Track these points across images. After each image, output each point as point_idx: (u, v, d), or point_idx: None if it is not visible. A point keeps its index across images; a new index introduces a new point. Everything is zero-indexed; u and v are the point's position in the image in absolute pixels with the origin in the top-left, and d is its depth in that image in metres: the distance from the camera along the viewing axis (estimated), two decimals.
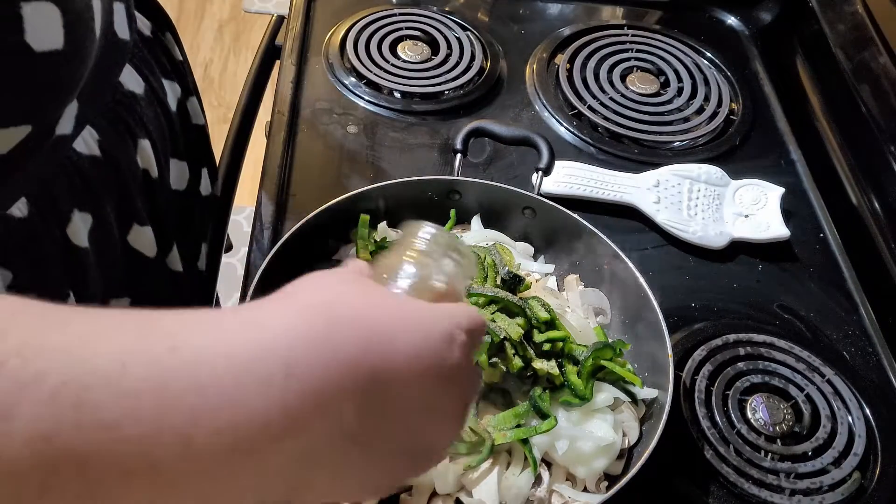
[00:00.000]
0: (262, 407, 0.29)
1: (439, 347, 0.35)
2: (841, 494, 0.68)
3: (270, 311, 0.33)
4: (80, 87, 0.54)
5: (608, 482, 0.64)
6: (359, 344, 0.32)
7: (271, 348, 0.30)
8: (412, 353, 0.34)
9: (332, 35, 1.05)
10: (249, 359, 0.30)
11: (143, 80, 0.67)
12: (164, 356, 0.29)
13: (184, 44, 0.81)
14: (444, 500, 0.61)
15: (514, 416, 0.62)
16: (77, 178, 0.58)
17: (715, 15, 1.19)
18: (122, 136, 0.63)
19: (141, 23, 0.71)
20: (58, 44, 0.48)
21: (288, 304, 0.33)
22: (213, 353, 0.30)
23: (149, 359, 0.28)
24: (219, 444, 0.28)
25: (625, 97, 1.02)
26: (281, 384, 0.30)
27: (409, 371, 0.34)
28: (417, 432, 0.36)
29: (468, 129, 0.80)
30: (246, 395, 0.29)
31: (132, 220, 0.66)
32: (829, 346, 0.81)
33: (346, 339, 0.32)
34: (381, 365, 0.33)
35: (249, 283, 0.67)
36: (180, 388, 0.28)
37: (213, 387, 0.29)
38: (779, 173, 0.97)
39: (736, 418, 0.72)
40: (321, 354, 0.31)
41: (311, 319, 0.32)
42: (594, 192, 0.89)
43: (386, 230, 0.75)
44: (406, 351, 0.34)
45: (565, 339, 0.66)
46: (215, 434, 0.28)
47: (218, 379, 0.29)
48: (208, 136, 0.87)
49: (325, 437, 0.32)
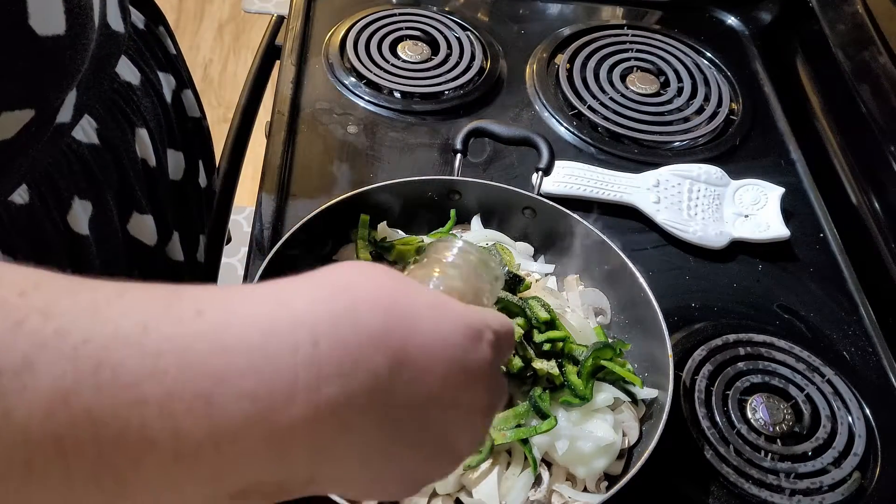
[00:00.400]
0: (290, 374, 0.28)
1: (466, 341, 0.34)
2: (841, 494, 0.68)
3: (295, 288, 0.32)
4: (80, 74, 0.54)
5: (608, 482, 0.64)
6: (381, 324, 0.31)
7: (299, 319, 0.30)
8: (437, 340, 0.33)
9: (332, 35, 1.05)
10: (276, 328, 0.29)
11: (138, 72, 0.68)
12: (190, 319, 0.28)
13: (184, 44, 0.82)
14: (444, 500, 0.61)
15: (514, 416, 0.62)
16: (77, 165, 0.59)
17: (715, 15, 1.19)
18: (120, 124, 0.64)
19: (134, 16, 0.71)
20: (60, 29, 0.49)
21: (314, 283, 0.32)
22: (240, 320, 0.29)
23: (174, 320, 0.27)
24: (241, 411, 0.27)
25: (625, 97, 1.02)
26: (309, 353, 0.29)
27: (431, 358, 0.32)
28: (439, 426, 0.34)
29: (468, 129, 0.80)
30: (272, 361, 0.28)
31: (132, 209, 0.67)
32: (829, 346, 0.81)
33: (369, 317, 0.31)
34: (403, 347, 0.31)
35: (249, 283, 0.67)
36: (204, 350, 0.27)
37: (238, 351, 0.28)
38: (779, 173, 0.97)
39: (736, 418, 0.72)
40: (343, 330, 0.30)
41: (335, 296, 0.31)
42: (594, 192, 0.89)
43: (386, 230, 0.75)
44: (430, 337, 0.33)
45: (565, 339, 0.66)
46: (238, 398, 0.27)
47: (244, 343, 0.28)
48: (204, 129, 0.88)
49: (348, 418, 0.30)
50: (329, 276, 0.33)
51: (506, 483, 0.61)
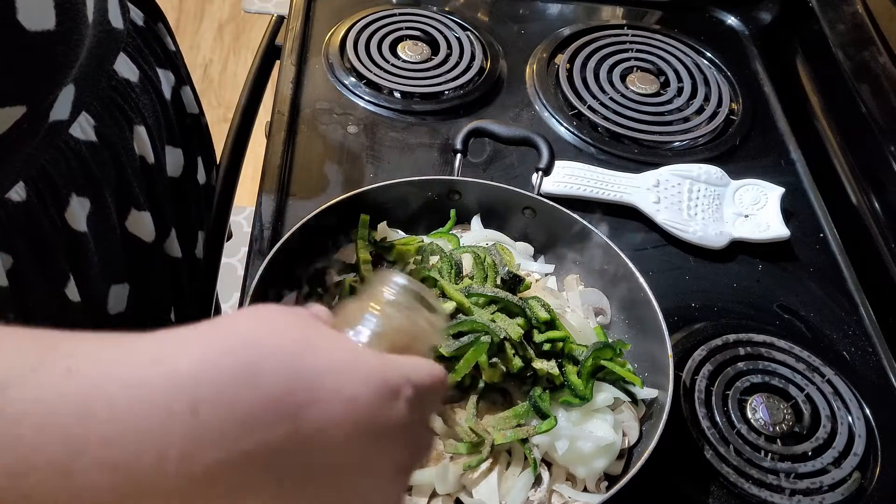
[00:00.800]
0: (160, 443, 0.27)
1: (376, 400, 0.32)
2: (841, 494, 0.68)
3: (183, 345, 0.30)
4: (74, 70, 0.54)
5: (608, 482, 0.64)
6: (283, 385, 0.30)
7: (178, 383, 0.28)
8: (340, 402, 0.31)
9: (332, 35, 1.05)
10: (150, 394, 0.27)
11: (137, 69, 0.68)
12: (59, 378, 0.26)
13: (184, 44, 0.82)
14: (444, 500, 0.61)
15: (514, 416, 0.62)
16: (75, 162, 0.59)
17: (715, 15, 1.19)
18: (118, 122, 0.64)
19: (133, 13, 0.71)
20: (49, 24, 0.49)
21: (207, 340, 0.31)
22: (114, 381, 0.27)
23: (40, 381, 0.26)
24: (105, 482, 0.26)
25: (625, 97, 1.02)
26: (186, 421, 0.27)
27: (331, 420, 0.31)
28: (350, 488, 0.32)
29: (468, 129, 0.80)
30: (141, 430, 0.26)
31: (130, 206, 0.67)
32: (829, 346, 0.81)
33: (271, 378, 0.30)
34: (302, 410, 0.30)
35: (249, 283, 0.67)
36: (68, 414, 0.26)
37: (104, 418, 0.26)
38: (779, 173, 0.97)
39: (736, 418, 0.72)
40: (234, 393, 0.29)
41: (232, 353, 0.30)
42: (594, 192, 0.89)
43: (386, 230, 0.75)
44: (333, 399, 0.31)
45: (565, 339, 0.66)
46: (100, 469, 0.26)
47: (112, 409, 0.26)
48: (203, 126, 0.88)
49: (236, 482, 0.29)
50: (228, 330, 0.31)
51: (506, 483, 0.61)
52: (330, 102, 0.97)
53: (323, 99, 0.97)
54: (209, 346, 0.30)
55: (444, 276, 0.68)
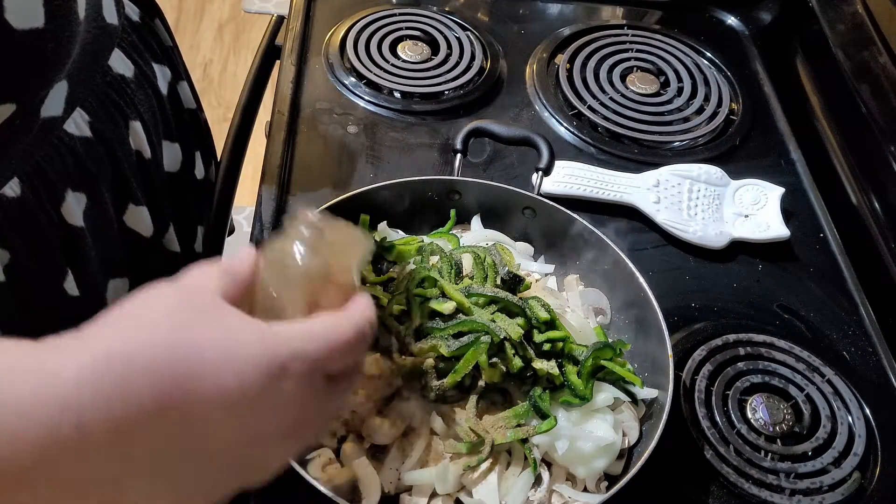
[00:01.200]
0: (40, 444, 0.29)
1: (260, 384, 0.34)
2: (841, 494, 0.68)
3: (66, 358, 0.32)
4: (66, 67, 0.54)
5: (608, 482, 0.64)
6: (157, 390, 0.32)
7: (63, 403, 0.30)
8: (223, 389, 0.33)
9: (332, 35, 1.05)
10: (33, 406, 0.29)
11: (132, 64, 0.68)
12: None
13: (184, 44, 0.82)
14: (444, 500, 0.61)
15: (514, 416, 0.62)
16: (69, 158, 0.59)
17: (715, 15, 1.19)
18: (114, 117, 0.64)
19: (129, 9, 0.71)
20: (38, 22, 0.49)
21: (87, 349, 0.32)
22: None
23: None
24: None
25: (625, 97, 1.02)
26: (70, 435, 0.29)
27: (216, 408, 0.33)
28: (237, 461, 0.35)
29: (468, 129, 0.80)
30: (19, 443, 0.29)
31: (127, 200, 0.67)
32: (829, 346, 0.81)
33: (141, 389, 0.31)
34: (184, 404, 0.32)
35: None
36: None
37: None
38: (779, 173, 0.97)
39: (736, 418, 0.72)
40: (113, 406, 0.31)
41: (107, 368, 0.31)
42: (594, 192, 0.89)
43: (386, 230, 0.75)
44: (215, 387, 0.33)
45: (565, 339, 0.66)
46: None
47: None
48: (202, 122, 0.88)
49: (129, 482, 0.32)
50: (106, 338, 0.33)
51: (506, 483, 0.61)
52: (330, 102, 0.97)
53: (323, 99, 0.97)
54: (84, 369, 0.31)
55: (444, 276, 0.68)
